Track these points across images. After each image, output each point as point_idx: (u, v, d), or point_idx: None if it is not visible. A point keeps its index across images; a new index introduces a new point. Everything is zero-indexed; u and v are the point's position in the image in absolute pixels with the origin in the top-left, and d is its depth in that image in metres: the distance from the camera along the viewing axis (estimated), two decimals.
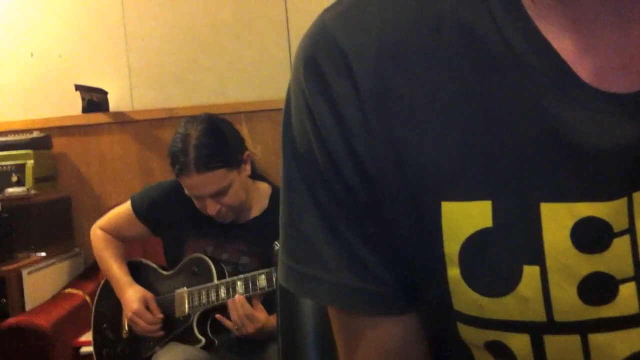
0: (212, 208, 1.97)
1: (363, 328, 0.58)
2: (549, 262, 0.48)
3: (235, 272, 2.00)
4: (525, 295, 0.49)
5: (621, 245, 0.48)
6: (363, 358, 0.59)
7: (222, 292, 1.97)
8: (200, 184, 1.93)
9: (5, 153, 2.85)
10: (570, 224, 0.48)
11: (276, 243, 0.97)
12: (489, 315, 0.51)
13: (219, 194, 1.95)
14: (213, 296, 1.99)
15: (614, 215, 0.47)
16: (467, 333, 0.53)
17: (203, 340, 2.00)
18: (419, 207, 0.51)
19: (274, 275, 1.88)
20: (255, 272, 1.93)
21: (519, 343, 0.51)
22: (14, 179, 2.81)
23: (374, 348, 0.59)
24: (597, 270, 0.48)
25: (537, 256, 0.49)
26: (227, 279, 1.98)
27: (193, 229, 2.09)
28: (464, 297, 0.52)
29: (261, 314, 1.90)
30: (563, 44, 0.48)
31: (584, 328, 0.49)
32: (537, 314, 0.50)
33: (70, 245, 2.99)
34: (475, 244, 0.50)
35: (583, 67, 0.48)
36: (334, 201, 0.54)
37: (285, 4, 2.99)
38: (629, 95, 0.47)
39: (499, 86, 0.49)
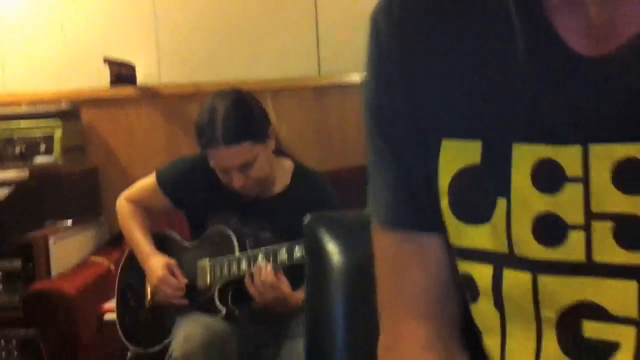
0: (237, 180, 2.00)
1: (405, 245, 0.65)
2: (513, 196, 0.56)
3: (256, 246, 2.03)
4: (495, 224, 0.57)
5: (573, 191, 0.54)
6: (406, 285, 0.66)
7: (244, 264, 2.00)
8: (227, 156, 1.97)
9: (34, 122, 2.88)
10: (531, 162, 0.55)
11: (305, 217, 1.00)
12: (464, 244, 0.59)
13: (245, 167, 1.99)
14: (235, 268, 2.03)
15: (566, 160, 0.54)
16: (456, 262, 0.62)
17: (224, 310, 2.04)
18: (426, 143, 0.62)
19: (295, 249, 1.92)
20: (277, 246, 1.96)
21: (483, 274, 0.59)
22: (43, 148, 2.86)
23: (414, 269, 0.65)
24: (549, 210, 0.55)
25: (506, 189, 0.56)
26: (249, 252, 2.02)
27: (216, 203, 2.13)
28: (450, 225, 0.61)
29: (284, 285, 1.93)
30: (550, 10, 0.55)
31: (535, 267, 0.55)
32: (501, 244, 0.57)
33: (96, 214, 3.04)
34: (462, 178, 0.59)
35: (562, 30, 0.54)
36: (378, 127, 0.66)
37: None
38: (597, 57, 0.53)
39: (487, 42, 0.58)
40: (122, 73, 3.02)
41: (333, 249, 0.94)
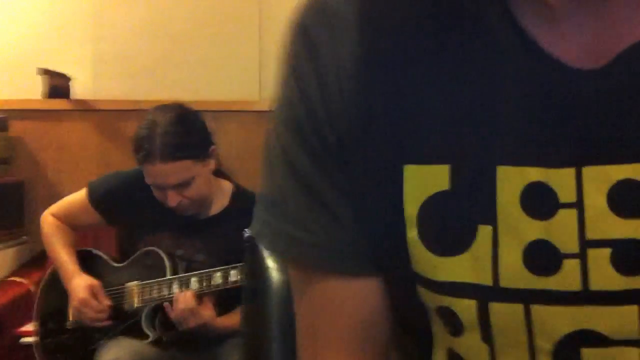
0: (173, 199, 1.94)
1: (333, 291, 0.59)
2: (500, 223, 0.51)
3: (189, 269, 1.97)
4: (477, 254, 0.52)
5: (567, 217, 0.50)
6: (329, 326, 0.60)
7: (175, 288, 1.94)
8: (163, 173, 1.90)
9: None
10: (520, 186, 0.51)
11: (245, 230, 0.95)
12: (441, 277, 0.54)
13: (181, 186, 1.93)
14: (165, 291, 1.96)
15: (560, 184, 0.50)
16: (424, 296, 0.56)
17: (152, 335, 1.97)
18: (384, 168, 0.55)
19: (231, 273, 1.87)
20: (211, 270, 1.90)
21: (466, 309, 0.53)
22: None
23: (341, 314, 0.60)
24: (541, 238, 0.50)
25: (491, 216, 0.51)
26: (181, 275, 1.95)
27: (150, 222, 2.06)
28: (421, 257, 0.54)
29: (206, 312, 1.88)
30: (532, 26, 0.51)
31: (527, 297, 0.51)
32: (485, 275, 0.52)
33: (19, 232, 2.92)
34: (432, 205, 0.53)
35: (548, 43, 0.51)
36: (312, 156, 0.57)
37: (260, 7, 2.99)
38: (589, 71, 0.50)
39: (463, 60, 0.53)
40: (56, 85, 2.95)
41: (272, 264, 0.90)
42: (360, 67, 0.55)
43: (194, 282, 1.90)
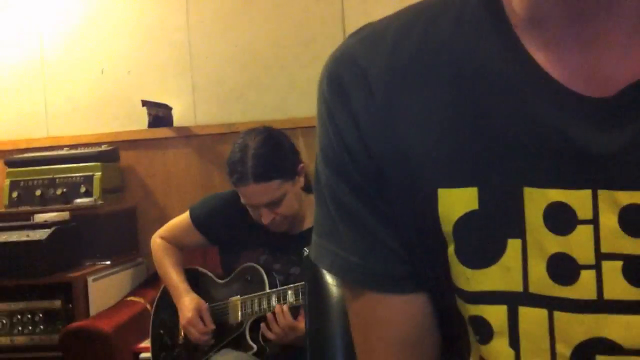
0: (266, 217, 2.02)
1: (383, 309, 0.66)
2: (528, 237, 0.57)
3: (286, 282, 2.05)
4: (508, 265, 0.57)
5: (584, 233, 0.55)
6: (379, 340, 0.67)
7: (274, 301, 2.01)
8: (256, 193, 1.99)
9: (75, 165, 2.98)
10: (543, 205, 0.56)
11: (305, 249, 1.00)
12: (474, 288, 0.59)
13: (273, 204, 2.01)
14: (265, 304, 2.04)
15: (578, 203, 0.55)
16: (461, 307, 0.61)
17: (255, 347, 2.05)
18: (419, 194, 0.61)
19: None
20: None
21: (497, 315, 0.59)
22: (83, 189, 2.93)
23: (389, 330, 0.66)
24: (562, 251, 0.56)
25: (519, 231, 0.57)
26: (279, 288, 2.03)
27: (248, 239, 2.15)
28: (456, 271, 0.60)
29: (302, 324, 1.92)
30: (539, 57, 0.56)
31: (550, 304, 0.56)
32: (515, 283, 0.57)
33: (134, 254, 3.09)
34: (464, 224, 0.59)
35: (557, 75, 0.56)
36: (353, 189, 0.64)
37: (344, 25, 3.04)
38: (599, 99, 0.54)
39: (488, 93, 0.58)
40: (159, 115, 3.10)
41: (332, 280, 0.94)
42: (389, 107, 0.62)
43: (290, 295, 1.98)
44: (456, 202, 0.59)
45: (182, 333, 2.21)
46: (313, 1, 3.09)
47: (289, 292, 1.98)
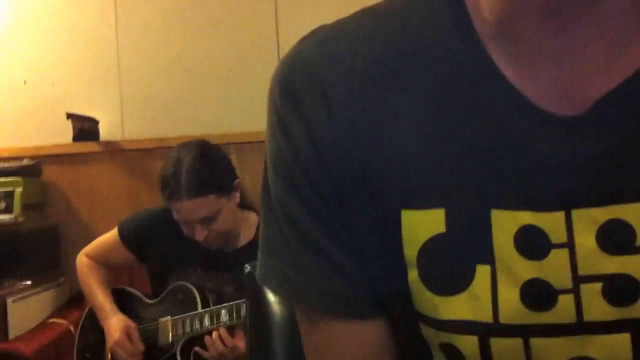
0: (200, 234, 1.97)
1: (337, 333, 0.61)
2: (497, 263, 0.53)
3: (219, 301, 1.99)
4: (477, 293, 0.54)
5: (559, 257, 0.52)
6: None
7: (206, 321, 1.96)
8: (190, 209, 1.94)
9: None
10: (513, 229, 0.53)
11: (247, 265, 0.97)
12: (442, 316, 0.55)
13: (208, 220, 1.96)
14: (197, 324, 1.98)
15: (551, 226, 0.52)
16: (427, 333, 0.57)
17: None
18: (381, 215, 0.56)
19: None
20: (240, 301, 1.91)
21: (468, 345, 0.55)
22: (2, 205, 2.80)
23: (344, 356, 0.61)
24: (537, 277, 0.52)
25: (488, 257, 0.53)
26: (212, 308, 1.97)
27: (179, 257, 2.09)
28: (422, 297, 0.56)
29: (240, 343, 1.89)
30: (509, 72, 0.53)
31: (526, 332, 0.53)
32: (484, 313, 0.54)
33: (56, 274, 2.97)
34: (431, 248, 0.55)
35: (528, 91, 0.53)
36: (308, 208, 0.59)
37: (277, 40, 3.02)
38: (569, 118, 0.52)
39: (455, 109, 0.54)
40: (85, 128, 3.00)
41: (273, 298, 0.91)
42: (349, 119, 0.56)
43: (224, 314, 1.92)
44: (422, 225, 0.55)
45: (110, 356, 2.12)
46: (246, 15, 3.05)
47: (223, 311, 1.93)
